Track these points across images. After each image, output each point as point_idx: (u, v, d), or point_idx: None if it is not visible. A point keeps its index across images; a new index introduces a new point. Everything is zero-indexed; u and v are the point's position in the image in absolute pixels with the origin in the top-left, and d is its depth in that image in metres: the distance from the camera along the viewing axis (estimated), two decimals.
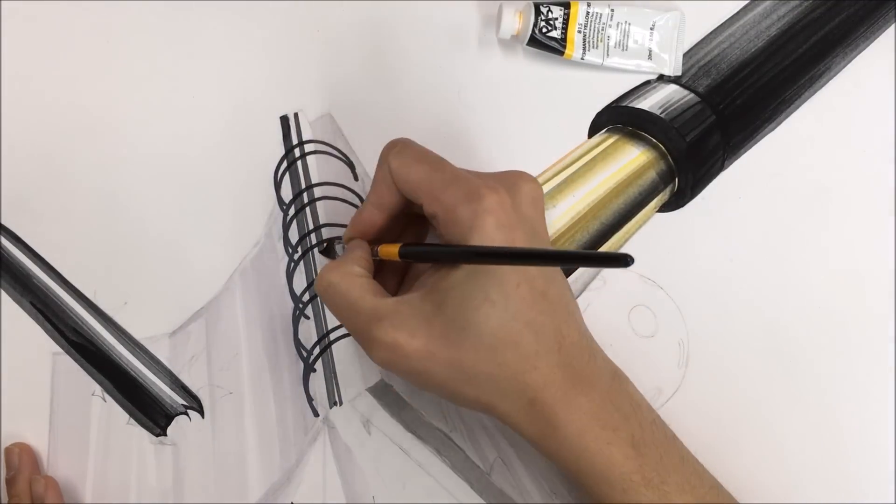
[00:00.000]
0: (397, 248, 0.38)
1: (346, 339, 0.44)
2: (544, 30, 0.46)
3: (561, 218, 0.46)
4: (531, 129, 0.47)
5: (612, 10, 0.46)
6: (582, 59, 0.47)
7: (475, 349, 0.35)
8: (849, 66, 0.49)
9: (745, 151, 0.48)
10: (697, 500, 0.36)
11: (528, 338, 0.35)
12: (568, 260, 0.36)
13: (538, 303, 0.35)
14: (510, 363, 0.35)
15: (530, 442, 0.37)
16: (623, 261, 0.28)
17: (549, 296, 0.36)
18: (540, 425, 0.36)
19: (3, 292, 0.45)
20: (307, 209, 0.46)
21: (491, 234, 0.35)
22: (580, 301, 0.45)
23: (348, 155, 0.47)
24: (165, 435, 0.43)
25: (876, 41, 0.49)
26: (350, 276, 0.38)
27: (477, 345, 0.35)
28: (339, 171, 0.47)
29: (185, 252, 0.45)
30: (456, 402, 0.39)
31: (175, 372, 0.44)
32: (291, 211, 0.46)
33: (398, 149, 0.38)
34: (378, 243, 0.40)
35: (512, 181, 0.37)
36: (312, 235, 0.46)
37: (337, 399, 0.44)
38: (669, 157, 0.47)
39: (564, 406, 0.35)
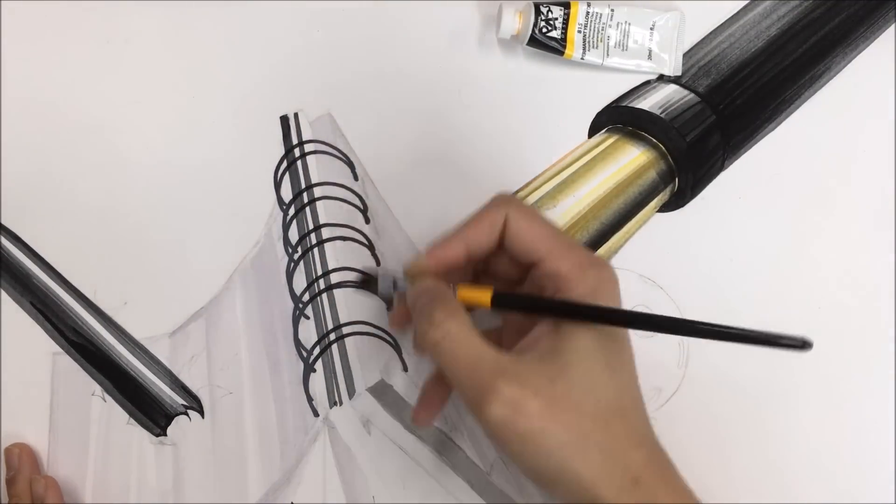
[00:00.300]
0: (487, 295, 0.36)
1: (347, 338, 0.44)
2: (544, 30, 0.46)
3: (561, 218, 0.46)
4: (531, 129, 0.47)
5: (612, 10, 0.46)
6: (582, 59, 0.47)
7: (593, 415, 0.34)
8: (849, 66, 0.49)
9: (745, 151, 0.48)
10: None
11: (634, 413, 0.35)
12: (732, 337, 0.34)
13: (637, 382, 0.36)
14: (619, 436, 0.34)
15: None
16: (803, 344, 0.28)
17: (638, 380, 0.36)
18: None
19: (3, 292, 0.45)
20: (307, 209, 0.46)
21: (616, 301, 0.36)
22: None
23: (348, 155, 0.47)
24: (165, 435, 0.43)
25: (876, 41, 0.49)
26: (468, 326, 0.35)
27: (596, 411, 0.34)
28: (339, 171, 0.47)
29: (185, 252, 0.45)
30: (556, 476, 0.35)
31: (175, 372, 0.44)
32: (291, 211, 0.46)
33: (518, 203, 0.38)
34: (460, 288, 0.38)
35: (605, 264, 0.37)
36: (312, 235, 0.46)
37: (337, 399, 0.44)
38: (669, 157, 0.47)
39: (666, 487, 0.35)
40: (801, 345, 0.28)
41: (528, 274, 0.38)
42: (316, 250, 0.45)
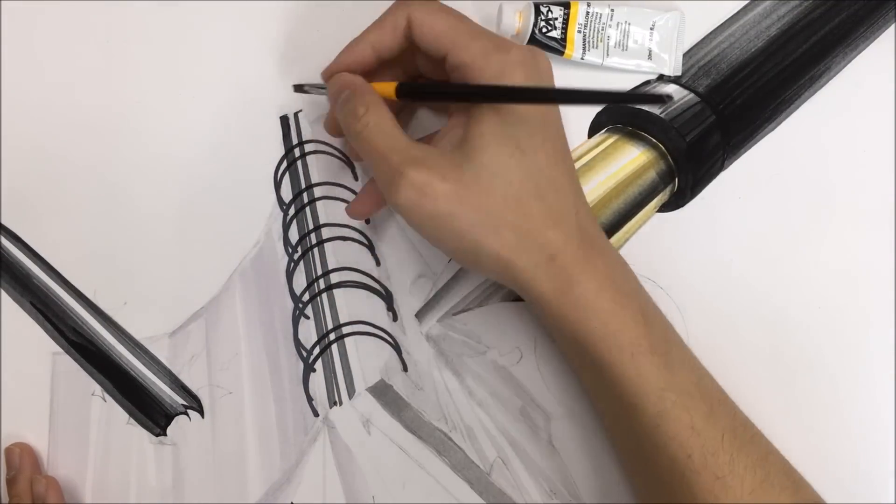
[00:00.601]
0: (393, 87, 0.38)
1: (347, 338, 0.44)
2: (544, 30, 0.46)
3: None
4: None
5: (612, 10, 0.46)
6: (582, 59, 0.47)
7: (503, 197, 0.36)
8: (849, 66, 0.49)
9: (745, 151, 0.48)
10: (697, 377, 0.38)
11: (552, 194, 0.36)
12: (604, 98, 0.36)
13: (559, 164, 0.37)
14: (535, 216, 0.36)
15: (543, 302, 0.37)
16: (660, 98, 0.30)
17: (567, 163, 0.37)
18: (558, 282, 0.36)
19: (3, 292, 0.45)
20: (307, 209, 0.46)
21: (526, 83, 0.36)
22: None
23: (348, 155, 0.47)
24: (165, 435, 0.43)
25: (876, 41, 0.49)
26: (386, 117, 0.37)
27: (505, 192, 0.36)
28: (338, 171, 0.47)
29: (185, 252, 0.45)
30: (474, 255, 0.37)
31: (175, 372, 0.44)
32: (291, 211, 0.46)
33: (421, 1, 0.38)
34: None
35: (528, 49, 0.38)
36: (312, 235, 0.46)
37: (337, 399, 0.44)
38: (669, 157, 0.47)
39: (584, 265, 0.36)
40: (663, 98, 0.30)
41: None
42: (316, 250, 0.45)
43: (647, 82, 0.48)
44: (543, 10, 0.46)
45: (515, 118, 0.36)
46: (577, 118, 0.48)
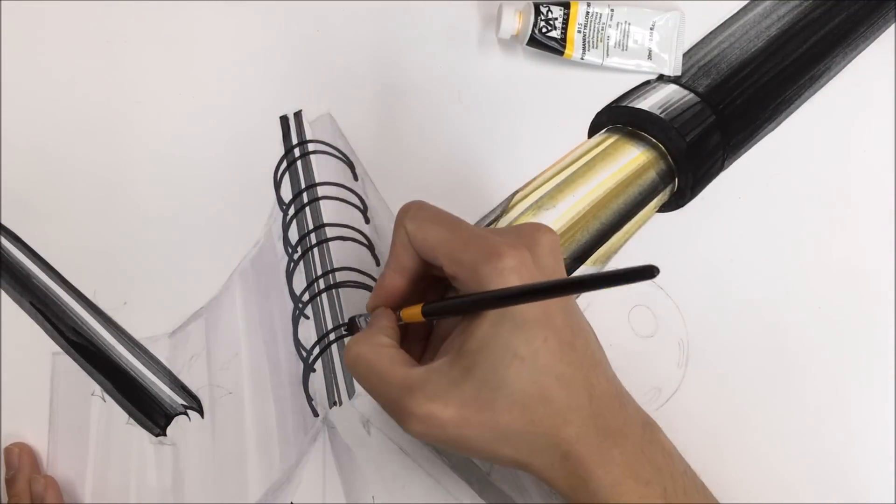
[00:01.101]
0: (419, 309, 0.38)
1: (347, 338, 0.44)
2: (544, 30, 0.46)
3: (561, 218, 0.46)
4: (531, 129, 0.47)
5: (612, 10, 0.46)
6: (582, 59, 0.47)
7: (508, 409, 0.35)
8: (849, 66, 0.49)
9: (745, 151, 0.48)
10: None
11: (559, 392, 0.35)
12: (594, 285, 0.34)
13: (566, 354, 0.35)
14: (543, 419, 0.35)
15: (563, 496, 0.37)
16: (649, 272, 0.28)
17: (576, 346, 0.36)
18: (573, 479, 0.36)
19: (3, 292, 0.45)
20: (307, 209, 0.46)
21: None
22: (580, 300, 0.45)
23: (348, 155, 0.47)
24: (165, 435, 0.43)
25: (876, 41, 0.49)
26: (378, 347, 0.37)
27: (510, 404, 0.35)
28: (338, 171, 0.47)
29: (186, 252, 0.45)
30: (493, 461, 0.40)
31: (175, 372, 0.44)
32: (291, 211, 0.46)
33: (413, 212, 0.38)
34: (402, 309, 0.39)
35: (529, 234, 0.37)
36: (312, 235, 0.46)
37: (337, 399, 0.44)
38: (669, 157, 0.47)
39: (597, 459, 0.35)
40: (650, 272, 0.28)
41: None
42: (316, 250, 0.46)
43: (647, 82, 0.48)
44: (543, 10, 0.46)
45: (511, 325, 0.34)
46: (576, 119, 0.48)
